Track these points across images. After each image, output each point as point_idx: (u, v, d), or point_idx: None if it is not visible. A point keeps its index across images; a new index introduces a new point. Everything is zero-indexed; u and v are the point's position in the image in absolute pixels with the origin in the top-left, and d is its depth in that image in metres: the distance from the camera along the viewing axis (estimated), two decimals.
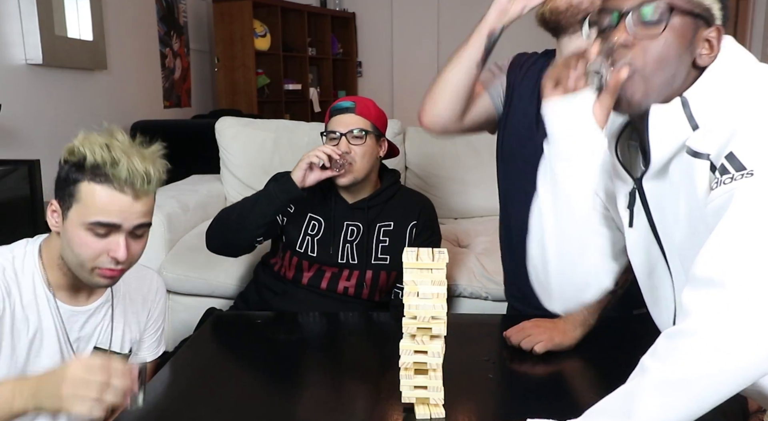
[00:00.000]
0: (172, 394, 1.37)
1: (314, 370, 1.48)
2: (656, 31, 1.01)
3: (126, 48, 4.56)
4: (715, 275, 0.90)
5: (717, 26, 1.03)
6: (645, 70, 1.02)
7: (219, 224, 1.94)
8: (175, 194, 2.88)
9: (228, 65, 5.52)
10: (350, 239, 1.96)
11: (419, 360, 1.14)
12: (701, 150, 0.99)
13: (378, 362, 1.51)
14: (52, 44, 3.51)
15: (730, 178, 0.93)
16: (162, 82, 5.07)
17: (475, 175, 3.13)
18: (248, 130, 3.17)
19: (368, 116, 1.94)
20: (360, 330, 1.81)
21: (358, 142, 1.90)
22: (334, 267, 1.95)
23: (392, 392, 1.21)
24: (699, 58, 1.03)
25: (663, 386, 0.91)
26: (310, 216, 1.97)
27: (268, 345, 1.53)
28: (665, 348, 0.93)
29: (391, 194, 2.01)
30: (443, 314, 1.11)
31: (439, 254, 1.12)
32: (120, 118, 4.48)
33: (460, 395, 1.25)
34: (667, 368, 0.91)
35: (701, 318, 0.90)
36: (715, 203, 0.95)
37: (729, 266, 0.90)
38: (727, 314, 0.88)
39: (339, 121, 1.91)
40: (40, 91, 3.59)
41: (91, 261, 1.33)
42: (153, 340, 1.62)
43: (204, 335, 1.73)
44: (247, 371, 1.51)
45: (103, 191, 1.30)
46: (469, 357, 1.46)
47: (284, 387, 1.45)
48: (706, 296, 0.90)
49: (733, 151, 0.94)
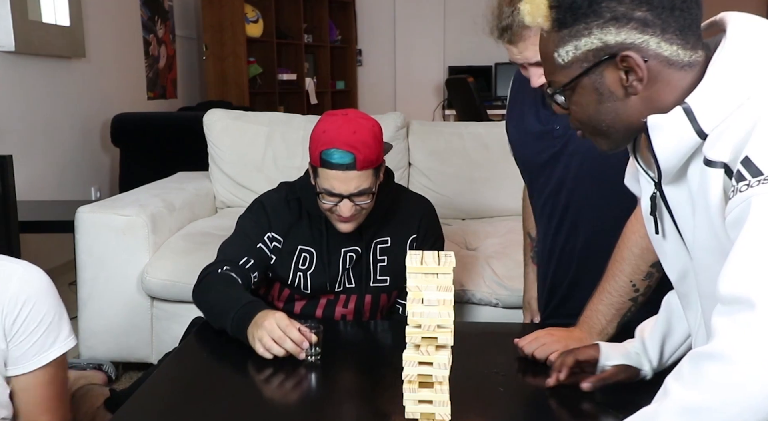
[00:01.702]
0: (156, 410, 1.37)
1: (309, 383, 1.49)
2: (568, 102, 1.10)
3: (106, 34, 4.57)
4: (742, 294, 0.90)
5: (621, 55, 1.02)
6: (589, 127, 1.11)
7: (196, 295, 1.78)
8: (159, 193, 2.88)
9: (217, 53, 5.53)
10: (348, 266, 1.86)
11: (424, 372, 1.14)
12: (713, 158, 0.99)
13: (379, 375, 1.51)
14: (25, 30, 3.51)
15: (747, 185, 0.92)
16: (145, 71, 5.07)
17: (485, 173, 3.13)
18: (239, 124, 3.18)
19: (371, 165, 1.72)
20: (360, 339, 1.81)
21: (364, 199, 1.74)
22: (329, 294, 1.89)
23: (395, 407, 1.21)
24: (631, 89, 1.04)
25: (685, 413, 0.91)
26: (301, 248, 1.85)
27: (258, 357, 1.54)
28: (690, 371, 0.94)
29: (388, 204, 1.89)
30: (450, 323, 1.11)
31: (446, 258, 1.12)
32: (100, 110, 4.49)
33: (468, 411, 1.25)
34: (691, 394, 0.91)
35: (728, 341, 0.90)
36: (733, 214, 0.94)
37: (755, 283, 0.89)
38: (756, 338, 0.88)
39: (338, 178, 1.70)
40: (13, 81, 3.59)
41: None
42: (29, 347, 1.45)
43: (189, 346, 1.73)
44: (236, 385, 1.51)
45: None
46: (477, 369, 1.46)
47: (277, 402, 1.45)
48: (734, 317, 0.90)
49: (749, 156, 0.93)
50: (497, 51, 7.00)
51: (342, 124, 1.70)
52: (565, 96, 1.09)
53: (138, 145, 4.41)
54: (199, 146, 3.23)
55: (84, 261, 2.59)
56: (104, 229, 2.57)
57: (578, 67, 1.06)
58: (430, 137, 3.22)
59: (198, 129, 3.21)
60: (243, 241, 1.84)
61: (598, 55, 1.04)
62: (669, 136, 1.02)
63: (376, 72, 7.24)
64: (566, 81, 1.07)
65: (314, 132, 1.74)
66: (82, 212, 2.58)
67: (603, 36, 1.03)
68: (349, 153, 1.67)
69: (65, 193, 4.07)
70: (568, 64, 1.06)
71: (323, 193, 1.73)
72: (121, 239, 2.57)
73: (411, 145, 3.21)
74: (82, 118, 4.36)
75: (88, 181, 4.45)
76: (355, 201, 1.72)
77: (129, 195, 2.86)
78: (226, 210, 3.17)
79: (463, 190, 3.15)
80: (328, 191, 1.71)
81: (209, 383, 1.49)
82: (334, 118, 1.73)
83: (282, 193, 1.90)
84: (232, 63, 5.51)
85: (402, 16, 6.98)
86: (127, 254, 2.57)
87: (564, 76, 1.08)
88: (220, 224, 2.80)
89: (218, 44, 5.52)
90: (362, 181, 1.71)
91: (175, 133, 4.33)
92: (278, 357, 1.50)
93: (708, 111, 1.00)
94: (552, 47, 1.08)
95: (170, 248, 2.62)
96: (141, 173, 3.85)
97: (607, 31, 1.02)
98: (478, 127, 3.35)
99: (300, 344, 1.50)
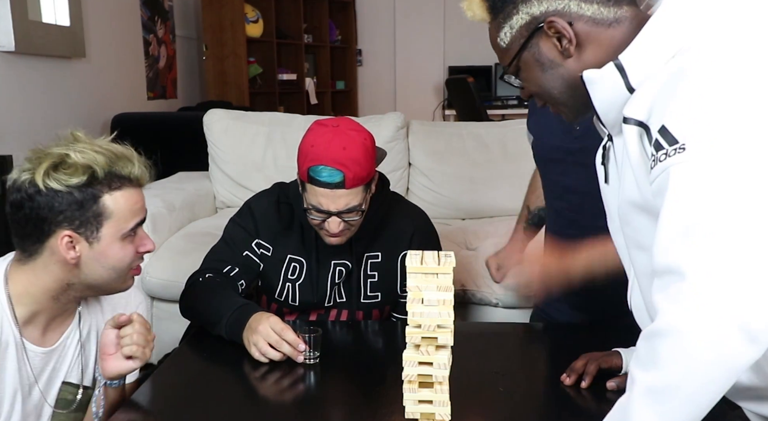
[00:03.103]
0: (155, 409, 1.37)
1: (309, 384, 1.49)
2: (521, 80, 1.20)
3: (106, 34, 4.57)
4: (671, 264, 0.92)
5: (547, 22, 1.10)
6: (545, 97, 1.19)
7: (184, 305, 1.77)
8: (159, 193, 2.88)
9: (217, 53, 5.53)
10: (338, 280, 1.82)
11: (424, 372, 1.14)
12: (627, 114, 1.03)
13: (379, 375, 1.50)
14: (25, 30, 3.51)
15: (665, 154, 0.94)
16: (145, 71, 5.07)
17: (485, 173, 3.13)
18: (239, 124, 3.18)
19: (361, 182, 1.66)
20: (358, 340, 1.81)
21: (353, 216, 1.69)
22: (320, 309, 1.86)
23: (395, 407, 1.21)
24: (566, 52, 1.11)
25: (652, 395, 0.92)
26: (290, 258, 1.82)
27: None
28: (645, 353, 0.95)
29: (381, 217, 1.82)
30: (450, 323, 1.11)
31: (446, 258, 1.12)
32: (100, 110, 4.48)
33: (469, 411, 1.25)
34: (651, 375, 0.93)
35: (670, 316, 0.91)
36: (656, 183, 0.97)
37: (681, 252, 0.91)
38: (692, 307, 0.89)
39: (326, 195, 1.64)
40: (13, 81, 3.59)
41: (128, 267, 1.37)
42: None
43: (189, 346, 1.73)
44: (235, 385, 1.51)
45: (127, 194, 1.33)
46: (478, 369, 1.46)
47: (276, 402, 1.45)
48: (670, 290, 0.92)
49: (665, 125, 0.95)
50: None
51: (331, 138, 1.64)
52: (516, 75, 1.19)
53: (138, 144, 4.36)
54: (199, 146, 3.23)
55: None
56: None
57: (517, 45, 1.15)
58: (430, 137, 3.22)
59: (198, 129, 3.21)
60: (229, 248, 1.81)
61: (530, 29, 1.13)
62: (603, 89, 1.08)
63: (376, 72, 7.24)
64: (510, 60, 1.17)
65: (303, 144, 1.69)
66: None
67: (528, 9, 1.12)
68: (338, 171, 1.61)
69: None
70: (509, 45, 1.16)
71: (311, 208, 1.68)
72: None
73: (411, 145, 3.21)
74: (82, 118, 4.35)
75: None
76: (344, 218, 1.68)
77: None
78: (226, 210, 3.17)
79: (463, 190, 3.15)
80: (315, 207, 1.67)
81: (208, 383, 1.49)
82: (323, 130, 1.67)
83: (273, 197, 1.85)
84: (232, 63, 5.50)
85: (402, 16, 6.98)
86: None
87: (509, 57, 1.17)
88: (220, 224, 2.76)
89: (218, 44, 5.51)
90: (351, 199, 1.65)
91: (175, 133, 4.32)
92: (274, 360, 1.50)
93: (637, 66, 1.05)
94: (494, 35, 1.18)
95: (170, 248, 2.62)
96: None
97: (531, 5, 1.12)
98: (478, 128, 3.35)
99: (296, 346, 1.50)
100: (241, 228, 1.83)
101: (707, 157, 0.91)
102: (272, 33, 5.83)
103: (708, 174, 0.91)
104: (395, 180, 3.02)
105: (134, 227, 1.35)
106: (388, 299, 1.86)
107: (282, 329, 1.51)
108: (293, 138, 3.13)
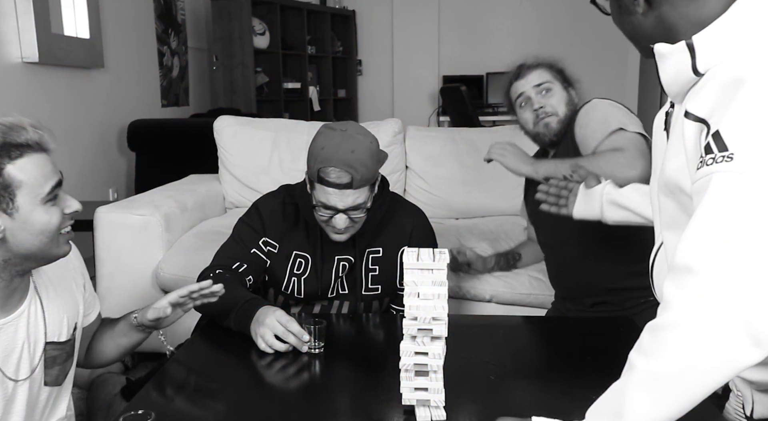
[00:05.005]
0: (169, 396, 1.37)
1: (312, 372, 1.49)
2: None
3: (123, 46, 4.56)
4: (687, 262, 0.91)
5: None
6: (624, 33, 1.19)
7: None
8: (172, 194, 2.88)
9: (226, 64, 5.53)
10: (341, 274, 1.83)
11: (420, 362, 1.14)
12: (690, 110, 1.00)
13: (377, 364, 1.50)
14: (48, 42, 3.51)
15: (713, 159, 0.92)
16: (159, 80, 5.07)
17: (477, 175, 3.13)
18: (247, 129, 3.17)
19: (367, 182, 1.68)
20: (358, 331, 1.81)
21: (359, 213, 1.71)
22: (323, 300, 1.87)
23: (392, 394, 1.21)
24: (639, 7, 1.09)
25: (650, 382, 0.92)
26: (296, 254, 1.82)
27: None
28: (649, 342, 0.94)
29: (382, 215, 1.82)
30: (444, 315, 1.11)
31: (440, 254, 1.12)
32: (117, 117, 4.48)
33: (462, 397, 1.25)
34: (652, 364, 0.92)
35: (680, 309, 0.91)
36: (697, 184, 0.95)
37: (699, 253, 0.90)
38: (702, 304, 0.89)
39: (334, 194, 1.66)
40: (37, 90, 3.59)
41: (57, 230, 1.31)
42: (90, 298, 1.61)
43: (200, 337, 1.73)
44: (243, 374, 1.51)
45: (32, 160, 1.27)
46: (470, 359, 1.46)
47: (281, 390, 1.45)
48: (682, 285, 0.91)
49: (720, 130, 0.93)
50: (488, 61, 7.02)
51: (340, 141, 1.64)
52: (605, 5, 1.18)
53: (153, 149, 4.40)
54: (210, 150, 3.22)
55: (102, 257, 2.58)
56: (121, 228, 2.56)
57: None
58: (425, 142, 3.22)
59: (209, 134, 3.20)
60: (238, 246, 1.81)
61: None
62: (670, 66, 1.05)
63: (375, 81, 7.23)
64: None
65: (313, 146, 1.69)
66: (100, 211, 2.58)
67: None
68: (346, 173, 1.62)
69: (85, 194, 4.06)
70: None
71: (319, 205, 1.69)
72: (136, 237, 2.56)
73: (408, 149, 3.20)
74: (100, 125, 4.35)
75: (106, 183, 4.44)
76: (350, 215, 1.69)
77: (144, 196, 2.85)
78: (234, 210, 3.16)
79: (456, 192, 3.15)
80: (323, 204, 1.68)
81: (219, 372, 1.49)
82: (332, 134, 1.67)
83: (280, 198, 1.85)
84: (240, 72, 5.50)
85: (399, 28, 6.97)
86: (142, 251, 2.57)
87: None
88: (229, 223, 2.76)
89: (228, 55, 5.51)
90: (358, 198, 1.67)
91: (187, 138, 4.32)
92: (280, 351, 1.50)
93: (707, 50, 1.00)
94: None
95: (182, 246, 2.62)
96: (155, 176, 3.84)
97: None
98: (471, 133, 3.34)
99: (301, 337, 1.50)
100: (249, 227, 1.83)
101: (752, 170, 0.89)
102: (278, 44, 5.83)
103: (748, 187, 0.89)
104: (393, 182, 3.01)
105: (51, 190, 1.28)
106: (388, 292, 1.87)
107: (287, 321, 1.51)
108: (298, 143, 3.14)
